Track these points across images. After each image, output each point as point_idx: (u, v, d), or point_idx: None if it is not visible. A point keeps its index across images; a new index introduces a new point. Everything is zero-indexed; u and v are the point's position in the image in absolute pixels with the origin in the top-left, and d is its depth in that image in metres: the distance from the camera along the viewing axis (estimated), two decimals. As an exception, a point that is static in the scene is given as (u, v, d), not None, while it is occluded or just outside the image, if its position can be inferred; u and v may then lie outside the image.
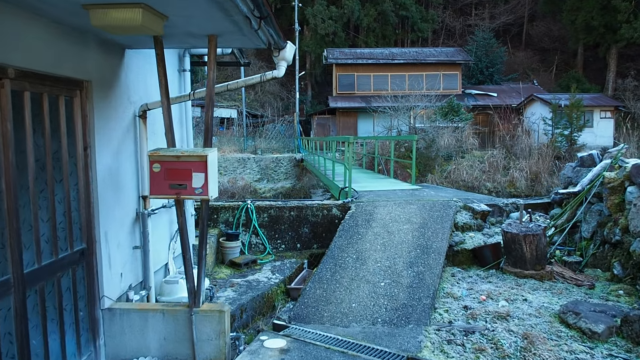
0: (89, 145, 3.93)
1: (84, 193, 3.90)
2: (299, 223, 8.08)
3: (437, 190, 10.04)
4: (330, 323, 4.91)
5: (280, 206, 8.17)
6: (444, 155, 21.53)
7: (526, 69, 39.56)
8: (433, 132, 21.79)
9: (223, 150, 22.32)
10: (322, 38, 35.00)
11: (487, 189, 20.78)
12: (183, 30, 3.76)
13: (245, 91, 36.49)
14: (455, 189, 14.12)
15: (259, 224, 8.03)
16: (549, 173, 21.41)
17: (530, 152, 22.37)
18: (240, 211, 7.95)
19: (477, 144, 23.20)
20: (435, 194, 9.12)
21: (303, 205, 8.13)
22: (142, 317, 4.09)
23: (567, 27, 36.46)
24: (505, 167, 21.68)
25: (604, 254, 6.59)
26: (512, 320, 4.73)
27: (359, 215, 7.45)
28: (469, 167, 21.40)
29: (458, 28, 42.48)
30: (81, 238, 3.91)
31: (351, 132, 27.89)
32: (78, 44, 3.71)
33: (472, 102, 27.70)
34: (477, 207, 7.91)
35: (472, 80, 34.37)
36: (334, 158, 10.55)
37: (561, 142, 22.31)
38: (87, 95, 3.92)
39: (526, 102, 26.78)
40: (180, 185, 3.76)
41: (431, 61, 29.56)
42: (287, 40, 4.54)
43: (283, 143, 25.01)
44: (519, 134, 23.71)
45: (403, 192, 9.50)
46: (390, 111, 23.18)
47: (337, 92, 29.64)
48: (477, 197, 9.12)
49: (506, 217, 8.26)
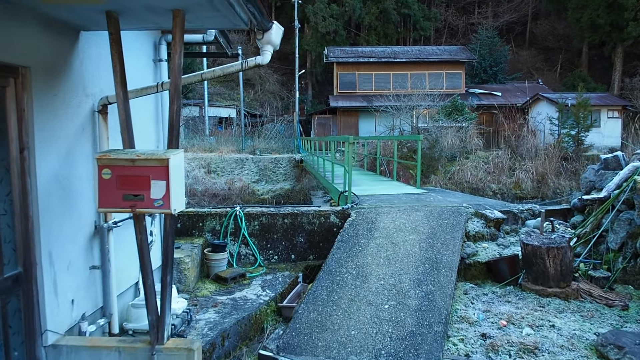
0: (27, 147, 3.19)
1: (19, 205, 3.16)
2: (294, 232, 7.27)
3: (445, 195, 9.28)
4: (325, 355, 4.17)
5: (273, 213, 7.36)
6: (447, 155, 20.79)
7: (530, 68, 38.80)
8: (436, 132, 21.05)
9: (220, 151, 21.61)
10: (322, 36, 34.28)
11: (492, 190, 20.08)
12: (140, 3, 3.02)
13: (245, 90, 35.82)
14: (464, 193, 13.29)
15: (249, 232, 7.20)
16: (555, 174, 20.70)
17: (537, 152, 21.61)
18: (228, 219, 7.15)
19: (482, 144, 22.46)
20: (443, 199, 8.37)
21: (298, 212, 7.32)
22: (94, 356, 3.35)
23: (572, 25, 35.69)
24: (511, 168, 20.95)
25: (636, 268, 5.84)
26: (542, 354, 3.98)
27: (360, 223, 6.69)
28: (474, 168, 20.68)
29: (461, 27, 41.72)
30: (16, 260, 3.17)
31: (352, 132, 27.16)
32: (9, 20, 2.98)
33: (476, 101, 26.95)
34: (490, 214, 7.10)
35: (475, 80, 33.63)
36: (333, 159, 9.83)
37: (568, 142, 21.56)
38: (25, 85, 3.17)
39: (531, 102, 26.03)
40: (136, 196, 3.02)
41: (434, 60, 28.80)
42: (273, 21, 3.80)
43: (282, 143, 24.27)
44: (525, 134, 22.98)
45: (408, 196, 8.74)
46: (392, 111, 22.44)
47: (338, 92, 28.90)
48: (489, 203, 8.35)
49: (521, 225, 7.49)
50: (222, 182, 19.28)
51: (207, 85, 26.90)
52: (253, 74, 36.01)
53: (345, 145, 6.94)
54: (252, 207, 7.75)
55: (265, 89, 35.80)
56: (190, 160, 19.87)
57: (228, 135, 24.48)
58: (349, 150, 6.98)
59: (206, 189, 18.80)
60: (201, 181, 18.98)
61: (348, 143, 7.17)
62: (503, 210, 7.61)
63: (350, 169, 7.08)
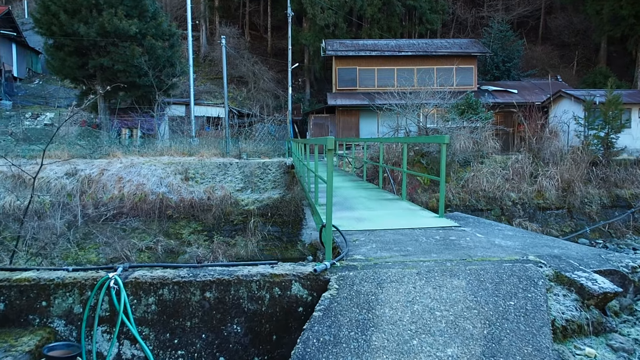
0: None
1: None
2: (224, 315, 4.25)
3: (486, 230, 6.19)
4: None
5: (185, 280, 4.27)
6: (460, 160, 18.20)
7: (545, 65, 36.14)
8: (447, 134, 18.47)
9: (201, 154, 19.10)
10: (321, 30, 31.69)
11: (511, 200, 17.55)
12: None
13: (237, 88, 33.32)
14: (515, 227, 8.47)
15: (139, 318, 4.23)
16: (583, 182, 18.12)
17: (562, 157, 18.96)
18: (96, 293, 4.17)
19: (499, 147, 19.85)
20: (488, 241, 5.25)
21: (232, 277, 4.25)
22: None
23: (592, 18, 33.08)
24: (532, 174, 18.38)
25: None
26: None
27: (345, 309, 3.67)
28: (490, 174, 18.10)
29: (470, 20, 39.10)
30: None
31: (352, 133, 24.57)
32: None
33: (490, 99, 24.32)
34: (589, 282, 4.06)
35: (487, 77, 31.01)
36: (316, 167, 7.21)
37: (596, 145, 18.97)
38: None
39: (553, 99, 23.39)
40: None
41: (443, 53, 26.16)
42: None
43: (273, 146, 21.72)
44: (547, 135, 20.35)
45: (428, 234, 5.53)
46: (397, 109, 19.85)
47: (336, 89, 26.32)
48: (571, 251, 5.23)
49: (636, 295, 4.59)
50: (201, 190, 16.75)
51: (192, 82, 24.38)
52: (246, 70, 33.50)
53: (327, 155, 4.31)
54: (145, 270, 4.51)
55: (259, 87, 33.24)
56: (166, 165, 17.39)
57: (211, 137, 21.93)
58: (331, 161, 4.33)
59: (182, 198, 16.28)
60: (176, 190, 16.47)
61: (328, 149, 4.39)
62: (603, 269, 4.61)
63: (331, 193, 4.39)
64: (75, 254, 15.41)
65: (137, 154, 18.70)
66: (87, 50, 19.93)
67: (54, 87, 31.71)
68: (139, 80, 20.70)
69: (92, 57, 19.96)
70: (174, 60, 21.56)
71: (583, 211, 18.07)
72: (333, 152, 4.21)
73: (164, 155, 18.62)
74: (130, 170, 16.84)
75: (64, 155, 17.33)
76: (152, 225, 16.03)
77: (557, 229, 17.54)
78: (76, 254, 15.41)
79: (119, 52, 19.70)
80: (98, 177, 16.43)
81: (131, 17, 19.96)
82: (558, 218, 17.99)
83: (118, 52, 19.71)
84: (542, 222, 17.64)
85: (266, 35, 40.13)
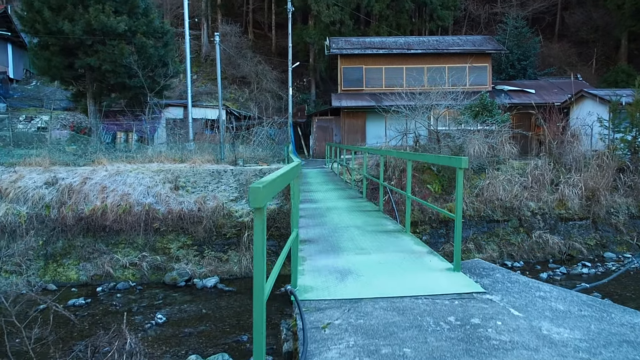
0: None
1: None
2: None
3: (521, 298, 3.67)
4: None
5: None
6: (474, 166, 16.67)
7: (562, 63, 34.39)
8: (460, 137, 16.96)
9: (193, 161, 17.77)
10: (326, 27, 30.26)
11: (529, 210, 16.03)
12: None
13: (239, 89, 32.00)
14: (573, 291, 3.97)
15: None
16: (609, 190, 16.53)
17: (586, 162, 17.34)
18: None
19: (516, 152, 18.26)
20: (529, 328, 3.16)
21: None
22: None
23: (612, 12, 31.32)
24: (553, 181, 16.82)
25: None
26: None
27: None
28: (507, 181, 16.55)
29: (483, 17, 37.44)
30: None
31: (358, 136, 23.12)
32: None
33: (506, 100, 22.73)
34: None
35: (501, 76, 29.38)
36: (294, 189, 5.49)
37: (623, 149, 17.38)
38: None
39: (574, 100, 21.75)
40: None
41: (455, 51, 24.60)
42: None
43: (272, 151, 20.33)
44: (568, 139, 18.72)
45: (438, 310, 3.52)
46: (405, 111, 18.35)
47: (342, 89, 24.88)
48: None
49: None
50: (192, 200, 15.40)
51: (190, 82, 23.06)
52: (249, 70, 32.15)
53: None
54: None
55: (262, 87, 31.88)
56: (155, 173, 16.08)
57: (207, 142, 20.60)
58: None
59: (170, 210, 14.95)
60: (164, 200, 15.14)
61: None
62: None
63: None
64: (53, 271, 14.17)
65: (125, 161, 17.41)
66: (74, 49, 18.68)
67: (50, 89, 30.64)
68: (129, 81, 19.42)
69: (79, 56, 18.74)
70: (167, 60, 20.26)
71: (609, 222, 16.52)
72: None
73: (153, 162, 17.32)
74: (115, 178, 15.55)
75: (45, 163, 16.09)
76: (137, 239, 14.72)
77: (580, 241, 16.00)
78: (55, 271, 14.17)
79: (107, 51, 18.42)
80: (80, 186, 15.15)
81: (120, 14, 18.68)
82: (582, 230, 16.43)
83: (106, 51, 18.43)
84: (564, 234, 16.10)
85: (270, 34, 38.81)
